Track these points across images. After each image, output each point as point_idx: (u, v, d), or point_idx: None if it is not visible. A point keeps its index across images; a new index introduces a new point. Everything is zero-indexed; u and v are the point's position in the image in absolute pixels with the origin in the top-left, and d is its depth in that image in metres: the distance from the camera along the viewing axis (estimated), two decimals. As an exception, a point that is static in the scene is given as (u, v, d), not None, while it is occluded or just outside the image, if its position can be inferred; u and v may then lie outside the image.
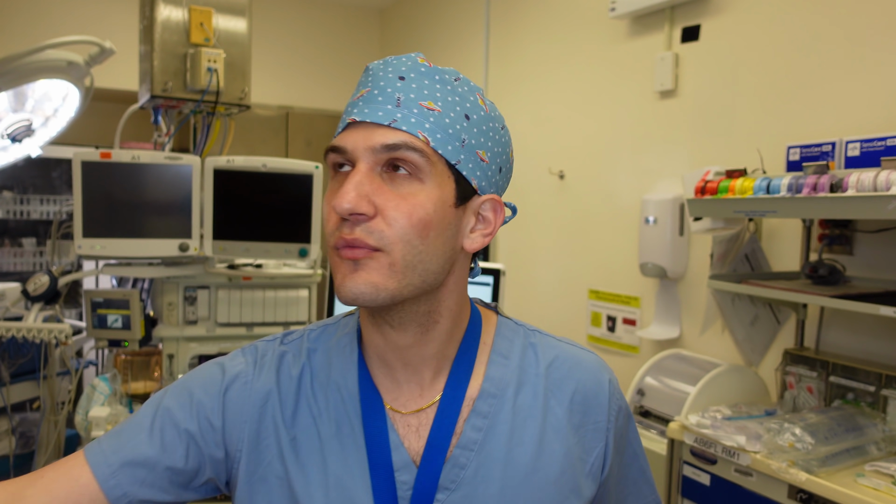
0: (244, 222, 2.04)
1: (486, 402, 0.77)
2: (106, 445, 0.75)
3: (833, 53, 1.87)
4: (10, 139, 2.18)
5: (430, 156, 0.69)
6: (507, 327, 0.84)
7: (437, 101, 0.71)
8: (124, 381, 2.20)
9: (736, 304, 1.98)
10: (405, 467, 0.74)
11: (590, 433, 0.81)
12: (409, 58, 0.73)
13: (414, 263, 0.69)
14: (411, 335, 0.75)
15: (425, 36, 4.14)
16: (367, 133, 0.69)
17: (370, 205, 0.67)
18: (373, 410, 0.76)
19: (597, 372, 0.83)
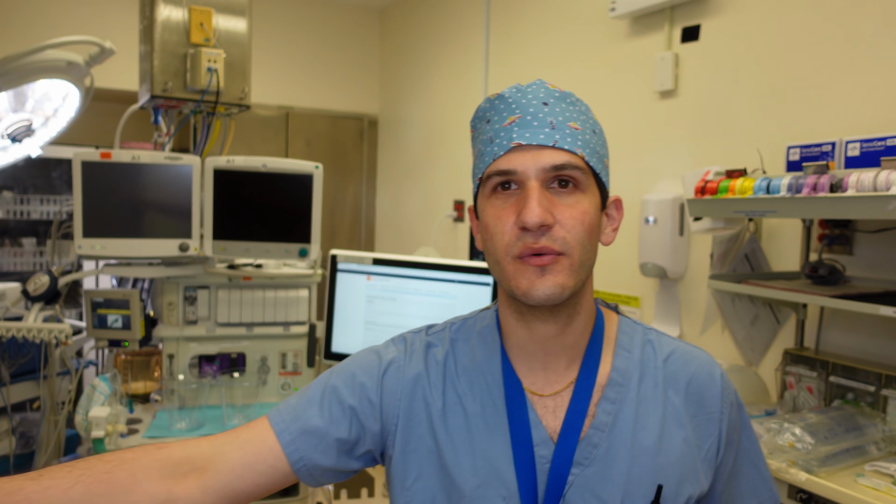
0: (244, 222, 2.04)
1: (614, 389, 0.87)
2: (286, 415, 0.88)
3: (833, 53, 1.87)
4: (10, 139, 2.18)
5: (585, 170, 0.82)
6: (626, 325, 0.93)
7: (578, 122, 0.83)
8: (124, 381, 2.20)
9: (736, 304, 1.98)
10: (543, 443, 0.85)
11: (704, 423, 0.87)
12: (539, 84, 0.85)
13: (585, 262, 0.82)
14: (557, 327, 0.85)
15: (425, 36, 4.14)
16: (533, 155, 0.80)
17: (551, 216, 0.79)
18: (514, 392, 0.87)
19: (709, 366, 0.91)
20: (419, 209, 4.21)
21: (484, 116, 0.86)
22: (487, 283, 2.01)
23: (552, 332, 0.86)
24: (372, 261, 2.13)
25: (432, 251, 3.35)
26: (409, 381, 0.90)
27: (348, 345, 2.16)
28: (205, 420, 2.00)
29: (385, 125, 4.74)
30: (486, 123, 0.86)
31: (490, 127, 0.84)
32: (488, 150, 0.83)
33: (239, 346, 2.20)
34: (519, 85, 0.85)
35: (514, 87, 0.85)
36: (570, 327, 0.86)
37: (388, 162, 4.72)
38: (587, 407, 0.85)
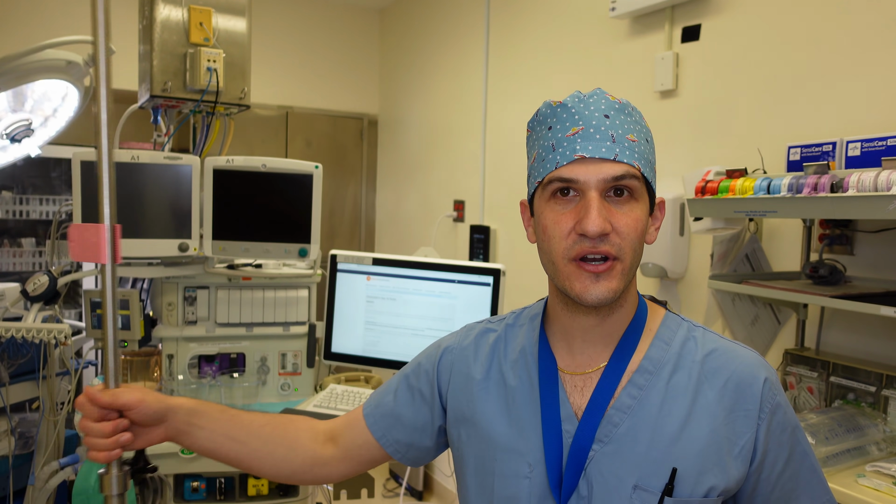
0: (244, 222, 2.04)
1: (643, 377, 0.92)
2: (371, 402, 1.10)
3: (833, 53, 1.86)
4: (10, 139, 2.18)
5: (641, 180, 0.89)
6: (672, 320, 0.98)
7: (635, 133, 0.90)
8: (124, 382, 2.20)
9: (736, 304, 1.97)
10: (568, 418, 0.93)
11: (740, 419, 0.90)
12: (599, 94, 0.91)
13: (634, 265, 0.90)
14: (598, 318, 0.93)
15: (425, 36, 4.14)
16: (595, 167, 0.86)
17: (609, 224, 0.86)
18: (547, 370, 0.96)
19: (753, 367, 0.93)
20: (419, 209, 4.21)
21: (545, 122, 0.93)
22: (487, 284, 2.00)
23: (593, 322, 0.93)
24: (372, 261, 2.13)
25: (432, 251, 3.35)
26: (458, 363, 1.05)
27: (348, 345, 2.16)
28: (204, 420, 2.00)
29: (385, 125, 4.73)
30: (547, 129, 0.92)
31: (552, 134, 0.91)
32: (551, 156, 0.89)
33: (238, 347, 2.20)
34: (580, 94, 0.91)
35: (576, 95, 0.91)
36: (610, 318, 0.93)
37: (388, 162, 4.72)
38: (614, 389, 0.91)
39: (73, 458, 1.79)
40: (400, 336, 2.10)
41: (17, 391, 2.06)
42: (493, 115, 3.43)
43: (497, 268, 2.01)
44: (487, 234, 3.34)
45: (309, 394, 2.27)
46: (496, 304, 2.00)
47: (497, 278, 2.00)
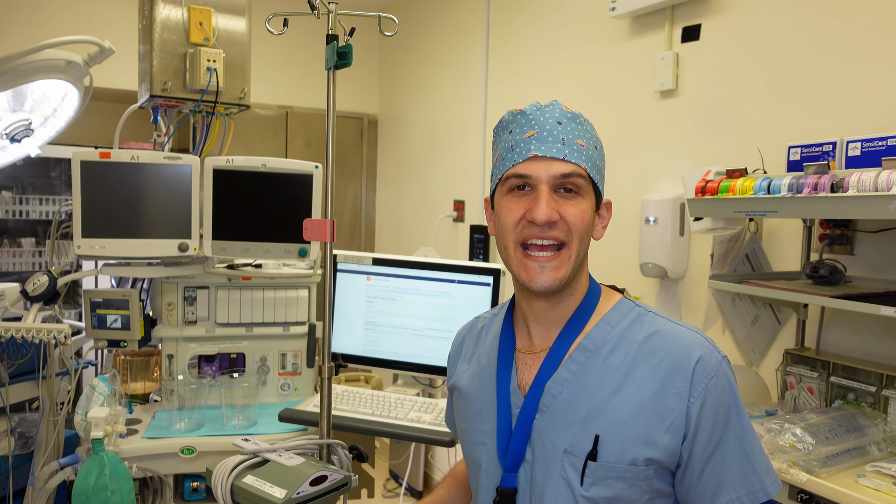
0: (244, 222, 2.03)
1: (582, 354, 1.03)
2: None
3: (833, 53, 1.86)
4: (9, 139, 2.18)
5: (587, 179, 1.01)
6: (624, 305, 1.07)
7: (584, 139, 1.02)
8: (123, 382, 2.20)
9: (736, 304, 1.97)
10: (514, 392, 1.06)
11: (671, 395, 0.96)
12: (554, 105, 1.03)
13: (580, 253, 1.01)
14: (549, 304, 1.04)
15: (425, 36, 4.14)
16: (547, 165, 0.99)
17: (557, 214, 0.98)
18: (506, 350, 1.10)
19: (689, 346, 0.98)
20: (419, 209, 4.21)
21: (507, 126, 1.05)
22: (487, 284, 2.00)
23: (544, 307, 1.05)
24: (372, 261, 2.13)
25: (432, 251, 3.35)
26: (458, 343, 1.25)
27: (348, 345, 2.15)
28: (204, 420, 2.00)
29: (385, 125, 4.73)
30: (508, 133, 1.04)
31: (511, 137, 1.03)
32: (509, 156, 1.02)
33: (238, 347, 2.20)
34: (539, 104, 1.04)
35: (535, 105, 1.03)
36: (561, 304, 1.05)
37: (388, 162, 4.72)
38: (556, 365, 1.03)
39: (73, 458, 1.78)
40: (400, 336, 2.10)
41: (17, 391, 2.06)
42: (493, 115, 3.43)
43: (497, 268, 2.01)
44: (487, 234, 3.34)
45: (309, 394, 2.27)
46: (496, 304, 2.00)
47: (497, 278, 2.00)
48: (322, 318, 1.66)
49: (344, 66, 1.51)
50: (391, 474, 3.76)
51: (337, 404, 2.00)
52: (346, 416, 1.93)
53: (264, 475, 1.30)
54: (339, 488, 1.32)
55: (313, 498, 1.27)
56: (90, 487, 1.63)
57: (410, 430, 1.85)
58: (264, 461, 1.35)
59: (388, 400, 1.99)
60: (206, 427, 1.97)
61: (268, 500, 1.23)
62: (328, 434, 1.55)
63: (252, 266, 2.23)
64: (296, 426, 1.99)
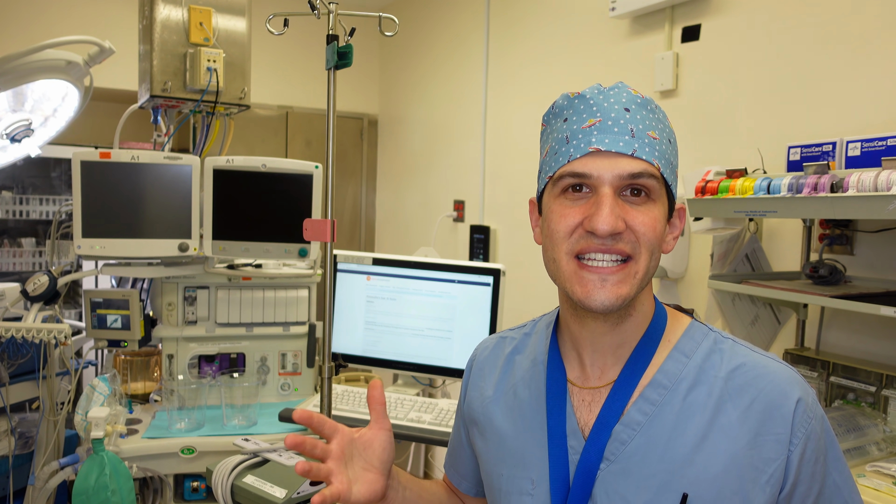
0: (244, 222, 2.03)
1: (656, 391, 0.85)
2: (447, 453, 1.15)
3: (833, 53, 1.86)
4: (10, 139, 2.18)
5: (660, 180, 0.82)
6: (697, 330, 0.90)
7: (656, 131, 0.83)
8: (124, 382, 2.20)
9: (736, 304, 1.97)
10: (573, 434, 0.86)
11: (769, 444, 0.80)
12: (621, 87, 0.85)
13: (650, 270, 0.83)
14: (608, 326, 0.86)
15: (425, 36, 4.14)
16: (611, 161, 0.80)
17: (623, 223, 0.79)
18: (556, 381, 0.90)
19: (785, 385, 0.82)
20: (419, 209, 4.21)
21: (560, 114, 0.86)
22: (487, 284, 2.00)
23: (602, 330, 0.86)
24: (372, 261, 2.13)
25: (432, 251, 3.35)
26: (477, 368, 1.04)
27: (348, 345, 2.16)
28: (204, 420, 2.00)
29: (385, 125, 4.73)
30: (562, 122, 0.85)
31: (567, 126, 0.84)
32: (564, 149, 0.83)
33: (239, 347, 2.20)
34: (600, 86, 0.85)
35: (596, 87, 0.85)
36: (621, 327, 0.86)
37: (388, 162, 4.72)
38: (624, 405, 0.84)
39: (73, 458, 1.79)
40: (400, 336, 2.10)
41: (17, 391, 2.06)
42: (493, 115, 3.43)
43: (497, 268, 2.01)
44: (487, 234, 3.34)
45: (309, 394, 2.27)
46: (496, 304, 2.00)
47: (497, 278, 2.00)
48: (322, 318, 1.66)
49: (344, 66, 1.51)
50: (391, 474, 3.75)
51: (337, 404, 2.00)
52: (346, 416, 1.93)
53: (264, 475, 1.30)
54: (339, 488, 1.31)
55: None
56: (90, 487, 1.63)
57: (410, 430, 1.85)
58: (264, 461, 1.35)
59: (388, 400, 1.99)
60: (206, 427, 1.97)
61: (268, 499, 1.23)
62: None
63: (252, 266, 2.23)
64: (296, 426, 1.99)
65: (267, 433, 1.95)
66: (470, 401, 1.02)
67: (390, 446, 0.92)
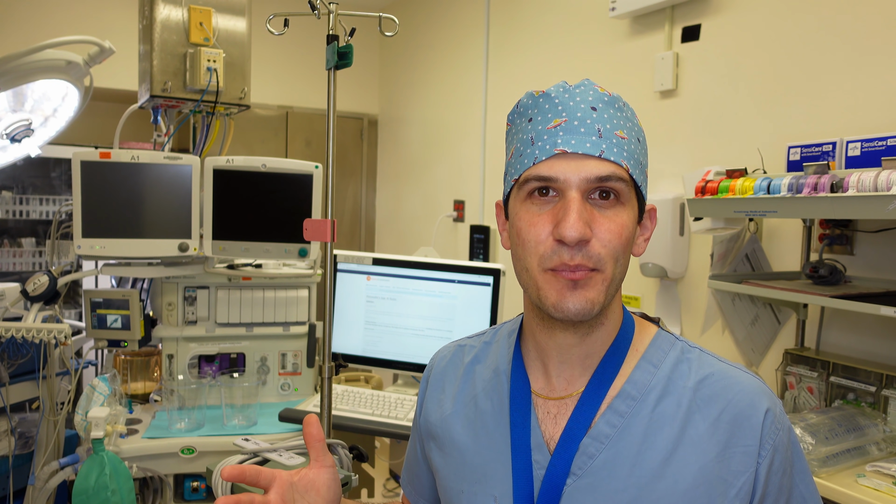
0: (244, 222, 2.03)
1: (625, 403, 0.81)
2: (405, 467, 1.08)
3: (833, 53, 1.86)
4: (10, 139, 2.18)
5: (629, 182, 0.78)
6: (664, 339, 0.86)
7: (624, 130, 0.79)
8: (124, 382, 2.20)
9: (736, 304, 1.97)
10: (538, 448, 0.82)
11: (738, 456, 0.78)
12: (587, 85, 0.81)
13: (617, 277, 0.79)
14: (577, 337, 0.83)
15: (425, 36, 4.14)
16: (577, 164, 0.76)
17: (590, 230, 0.76)
18: (519, 392, 0.86)
19: (753, 395, 0.80)
20: (419, 209, 4.21)
21: (525, 113, 0.83)
22: (487, 284, 2.00)
23: (572, 341, 0.83)
24: (372, 261, 2.13)
25: (432, 251, 3.35)
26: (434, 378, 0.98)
27: (348, 345, 2.16)
28: (204, 420, 2.00)
29: (385, 125, 4.73)
30: (527, 122, 0.82)
31: (532, 126, 0.80)
32: (528, 151, 0.79)
33: (238, 347, 2.20)
34: (566, 84, 0.81)
35: (561, 85, 0.81)
36: (590, 337, 0.83)
37: (388, 162, 4.72)
38: (592, 417, 0.81)
39: (73, 458, 1.79)
40: (400, 336, 2.10)
41: (17, 391, 2.06)
42: (493, 115, 3.43)
43: (497, 268, 2.01)
44: (487, 234, 3.34)
45: (309, 394, 2.27)
46: (496, 304, 2.00)
47: (497, 278, 2.00)
48: (322, 318, 1.66)
49: (344, 66, 1.51)
50: (391, 474, 3.76)
51: (337, 404, 2.00)
52: (346, 416, 1.93)
53: (264, 475, 1.30)
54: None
55: (313, 498, 1.26)
56: (90, 487, 1.63)
57: (410, 430, 1.85)
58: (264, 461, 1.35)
59: (388, 400, 1.99)
60: (206, 427, 1.97)
61: (268, 499, 1.23)
62: (328, 434, 1.55)
63: (252, 266, 2.23)
64: (296, 426, 1.99)
65: (267, 433, 1.95)
66: (427, 413, 0.96)
67: (335, 483, 0.90)
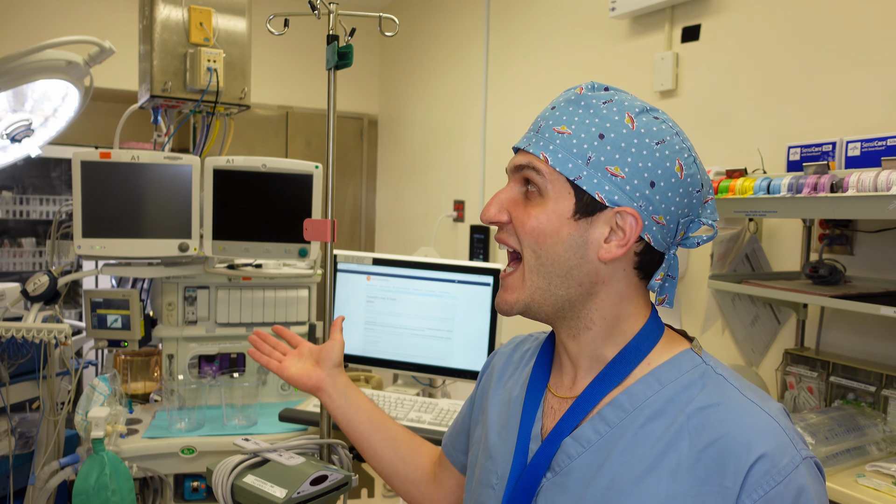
0: (244, 222, 2.03)
1: (615, 413, 0.81)
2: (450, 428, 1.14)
3: (833, 53, 1.86)
4: (10, 139, 2.18)
5: (547, 174, 0.79)
6: (687, 360, 0.82)
7: (571, 125, 0.79)
8: (124, 382, 2.20)
9: (736, 304, 1.98)
10: (535, 438, 0.87)
11: (711, 495, 0.71)
12: (570, 89, 0.84)
13: (536, 267, 0.81)
14: (565, 334, 0.86)
15: (425, 36, 4.14)
16: (515, 156, 0.84)
17: (506, 214, 0.83)
18: (535, 387, 0.91)
19: (751, 435, 0.72)
20: (419, 209, 4.21)
21: None
22: (487, 284, 2.00)
23: (566, 340, 0.86)
24: (372, 261, 2.13)
25: (432, 251, 3.35)
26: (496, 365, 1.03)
27: (348, 345, 2.16)
28: (205, 420, 2.00)
29: (385, 125, 4.74)
30: None
31: None
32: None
33: (239, 346, 2.20)
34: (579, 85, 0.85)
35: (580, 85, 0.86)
36: (582, 339, 0.84)
37: (388, 162, 4.72)
38: (580, 418, 0.82)
39: (73, 458, 1.79)
40: (400, 336, 2.10)
41: (17, 391, 2.06)
42: (493, 115, 3.43)
43: (497, 268, 2.01)
44: (487, 234, 3.34)
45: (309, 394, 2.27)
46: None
47: (497, 278, 2.00)
48: (322, 318, 1.66)
49: (344, 66, 1.51)
50: (391, 474, 3.76)
51: (337, 404, 2.00)
52: (347, 416, 1.93)
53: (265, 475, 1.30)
54: (339, 488, 1.32)
55: (313, 497, 1.27)
56: (90, 487, 1.63)
57: (410, 430, 1.85)
58: (264, 461, 1.35)
59: (388, 400, 1.99)
60: (206, 427, 1.97)
61: (268, 499, 1.23)
62: (328, 434, 1.55)
63: (252, 266, 2.23)
64: (296, 426, 1.99)
65: (267, 433, 1.95)
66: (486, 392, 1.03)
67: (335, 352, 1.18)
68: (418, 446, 1.17)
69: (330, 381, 1.18)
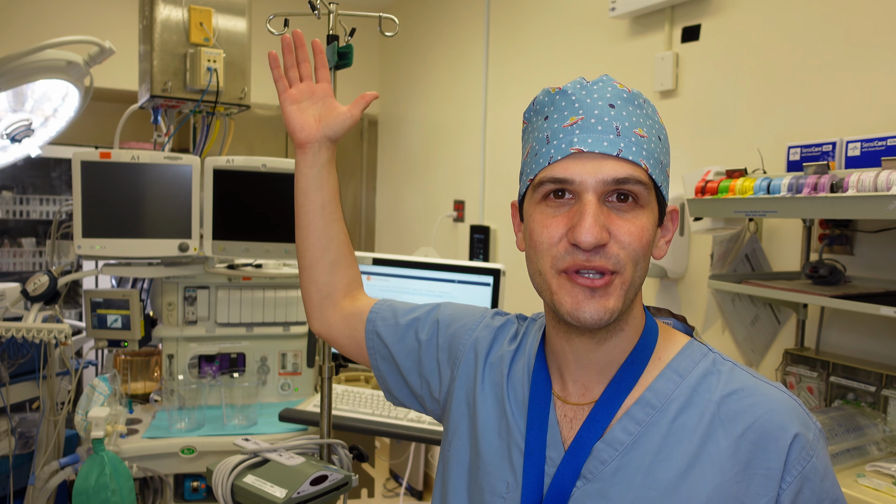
0: (244, 222, 2.04)
1: (643, 410, 0.79)
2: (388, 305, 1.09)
3: (833, 53, 1.86)
4: (10, 139, 2.18)
5: (648, 184, 0.75)
6: (696, 350, 0.83)
7: (644, 128, 0.76)
8: (124, 382, 2.20)
9: (736, 304, 1.98)
10: (554, 444, 0.81)
11: (758, 478, 0.73)
12: (605, 81, 0.78)
13: (636, 281, 0.76)
14: (594, 342, 0.80)
15: (425, 36, 4.14)
16: (594, 164, 0.73)
17: (607, 234, 0.73)
18: (540, 393, 0.85)
19: (783, 416, 0.75)
20: (419, 209, 4.21)
21: (541, 111, 0.81)
22: (487, 284, 2.00)
23: (589, 346, 0.81)
24: (372, 261, 2.13)
25: (432, 251, 3.35)
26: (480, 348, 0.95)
27: (348, 345, 2.15)
28: (204, 420, 2.00)
29: (385, 125, 4.74)
30: (543, 119, 0.79)
31: (548, 125, 0.78)
32: (544, 150, 0.76)
33: (239, 347, 2.20)
34: (583, 80, 0.79)
35: (579, 81, 0.79)
36: (608, 343, 0.80)
37: (388, 162, 4.72)
38: (606, 423, 0.79)
39: (73, 458, 1.79)
40: (400, 336, 2.10)
41: (18, 391, 2.06)
42: (493, 115, 3.43)
43: (497, 268, 2.01)
44: (487, 234, 3.34)
45: (309, 394, 2.27)
46: (496, 304, 2.00)
47: (497, 278, 2.00)
48: (322, 318, 1.66)
49: (345, 66, 1.51)
50: (391, 474, 3.76)
51: (337, 404, 2.01)
52: (346, 416, 1.93)
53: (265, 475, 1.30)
54: (339, 488, 1.32)
55: (313, 497, 1.27)
56: (90, 487, 1.63)
57: (410, 430, 1.85)
58: (265, 461, 1.35)
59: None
60: (206, 427, 1.98)
61: (268, 499, 1.23)
62: (328, 434, 1.55)
63: (252, 266, 2.23)
64: (296, 426, 1.99)
65: (267, 433, 1.95)
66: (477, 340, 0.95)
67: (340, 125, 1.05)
68: (346, 266, 1.12)
69: (315, 147, 1.07)
